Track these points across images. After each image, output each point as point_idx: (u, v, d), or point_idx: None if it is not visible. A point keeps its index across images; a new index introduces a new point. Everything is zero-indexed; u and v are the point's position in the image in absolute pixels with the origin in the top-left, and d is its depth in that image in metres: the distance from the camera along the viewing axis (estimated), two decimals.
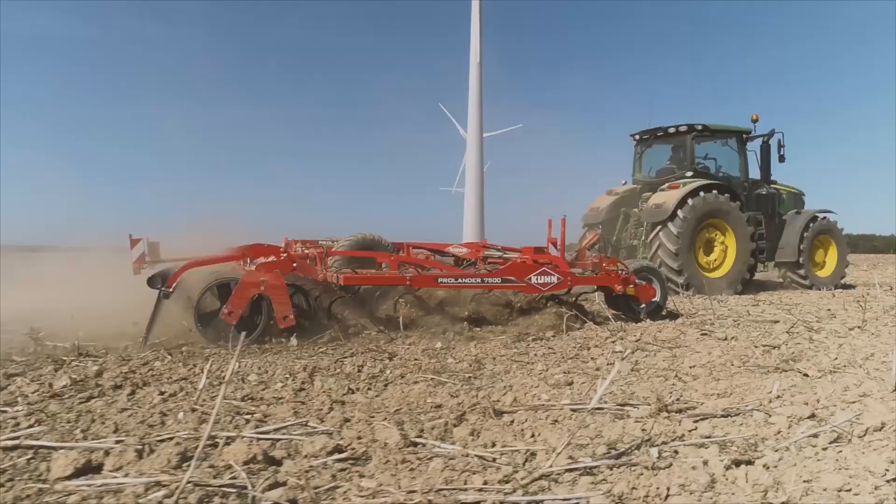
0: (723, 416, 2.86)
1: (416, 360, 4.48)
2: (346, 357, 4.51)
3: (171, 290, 5.10)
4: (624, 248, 11.87)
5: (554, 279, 6.19)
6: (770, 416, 2.87)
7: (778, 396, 3.26)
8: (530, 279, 6.06)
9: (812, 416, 2.85)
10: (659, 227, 10.73)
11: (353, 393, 3.43)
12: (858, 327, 5.89)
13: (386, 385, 3.68)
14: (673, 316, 7.14)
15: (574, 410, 2.89)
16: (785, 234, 12.08)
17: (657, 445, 2.42)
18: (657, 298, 6.94)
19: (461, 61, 28.88)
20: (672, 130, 11.97)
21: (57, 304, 6.90)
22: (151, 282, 5.21)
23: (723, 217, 11.06)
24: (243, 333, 3.07)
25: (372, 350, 4.75)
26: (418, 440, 2.48)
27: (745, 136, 12.20)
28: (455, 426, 2.73)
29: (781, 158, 12.13)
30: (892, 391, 3.31)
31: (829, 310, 7.56)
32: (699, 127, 11.71)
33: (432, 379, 3.81)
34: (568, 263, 6.69)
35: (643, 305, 6.77)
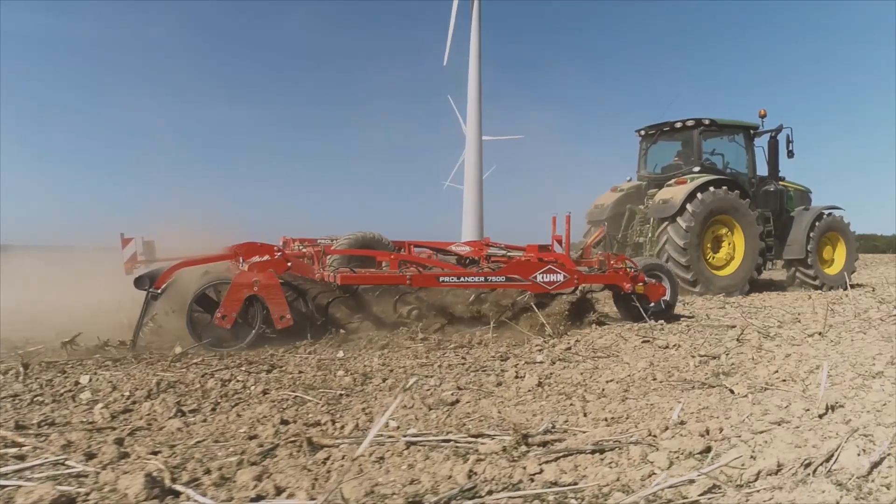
0: (593, 451, 2.32)
1: (300, 372, 3.95)
2: (219, 370, 3.98)
3: (159, 291, 4.87)
4: (629, 246, 11.34)
5: (560, 277, 5.84)
6: (655, 449, 2.34)
7: (681, 423, 2.72)
8: (535, 277, 5.72)
9: (705, 452, 2.32)
10: (666, 222, 10.20)
11: (179, 416, 2.90)
12: (819, 333, 5.34)
13: (235, 405, 3.16)
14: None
15: (411, 444, 2.36)
16: (792, 230, 11.55)
17: (479, 497, 1.89)
18: (667, 297, 6.56)
19: (462, 59, 28.29)
20: (678, 125, 11.44)
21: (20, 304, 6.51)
22: (139, 283, 4.95)
23: (732, 214, 10.54)
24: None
25: (254, 361, 4.22)
26: (178, 488, 1.95)
27: (752, 131, 11.66)
28: (251, 464, 2.20)
29: (790, 154, 11.64)
30: (820, 416, 2.77)
31: (795, 313, 7.00)
32: (706, 121, 11.16)
33: (296, 397, 3.29)
34: (574, 261, 6.40)
35: (652, 304, 6.36)
